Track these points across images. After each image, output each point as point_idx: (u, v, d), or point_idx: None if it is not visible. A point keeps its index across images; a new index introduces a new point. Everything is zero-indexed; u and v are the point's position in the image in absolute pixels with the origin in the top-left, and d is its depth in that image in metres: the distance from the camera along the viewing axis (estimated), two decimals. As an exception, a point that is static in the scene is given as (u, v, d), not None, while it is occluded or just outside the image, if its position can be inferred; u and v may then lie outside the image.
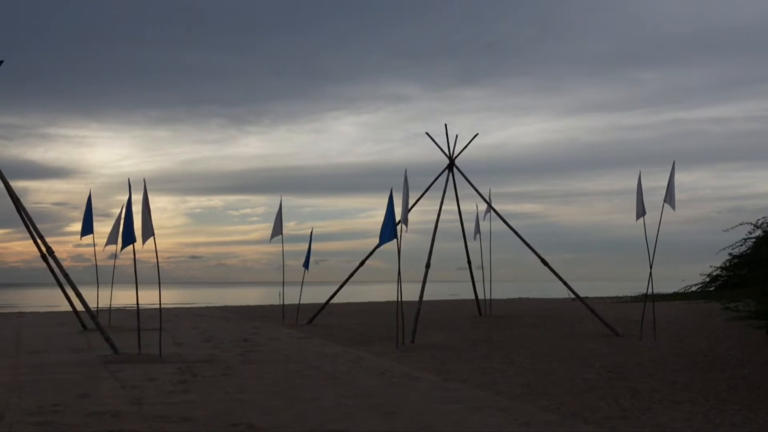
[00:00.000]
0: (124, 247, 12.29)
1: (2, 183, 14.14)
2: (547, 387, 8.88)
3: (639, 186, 14.87)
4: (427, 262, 16.50)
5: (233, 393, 8.48)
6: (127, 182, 12.25)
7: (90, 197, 17.60)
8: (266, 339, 15.20)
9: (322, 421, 6.91)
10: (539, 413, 7.30)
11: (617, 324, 16.88)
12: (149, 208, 12.02)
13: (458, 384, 9.14)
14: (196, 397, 8.22)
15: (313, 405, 7.73)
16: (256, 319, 21.27)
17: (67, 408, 7.51)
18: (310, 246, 20.62)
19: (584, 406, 7.63)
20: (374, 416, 7.17)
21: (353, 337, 15.41)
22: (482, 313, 21.95)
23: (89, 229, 17.46)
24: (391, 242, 13.78)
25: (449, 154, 19.17)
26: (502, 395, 8.31)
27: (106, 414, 7.20)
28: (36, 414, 7.20)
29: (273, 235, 20.30)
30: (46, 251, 14.18)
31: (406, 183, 13.99)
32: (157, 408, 7.52)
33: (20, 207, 14.56)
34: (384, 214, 13.78)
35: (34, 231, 14.56)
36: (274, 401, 7.95)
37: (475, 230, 21.43)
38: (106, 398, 8.10)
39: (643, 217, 14.79)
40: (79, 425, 6.71)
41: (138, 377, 9.63)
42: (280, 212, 20.35)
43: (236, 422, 6.83)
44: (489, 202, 19.53)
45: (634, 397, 8.13)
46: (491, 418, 7.09)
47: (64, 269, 13.96)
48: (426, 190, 19.17)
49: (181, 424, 6.76)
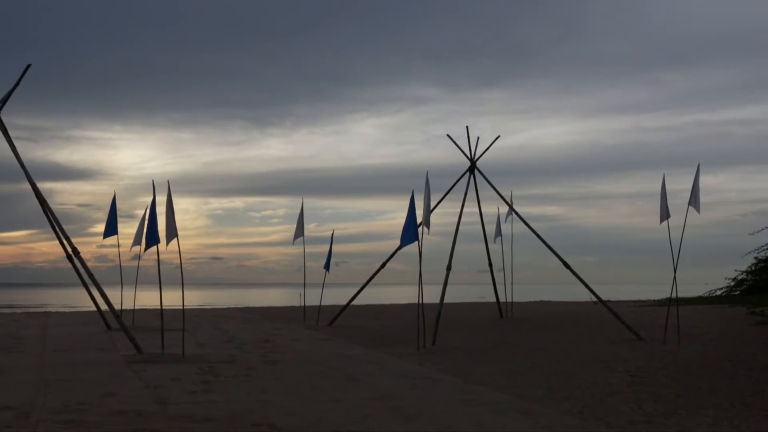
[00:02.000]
0: (148, 247, 12.42)
1: (29, 184, 14.37)
2: (569, 391, 8.82)
3: (663, 188, 14.73)
4: (448, 265, 16.47)
5: (255, 393, 8.53)
6: (151, 184, 12.41)
7: (114, 198, 17.81)
8: (287, 340, 15.27)
9: (343, 422, 6.94)
10: (561, 417, 7.26)
11: (640, 328, 16.71)
12: (173, 209, 12.14)
13: (479, 387, 9.11)
14: (219, 397, 8.29)
15: (334, 406, 7.75)
16: (277, 321, 21.38)
17: (92, 406, 7.61)
18: (331, 248, 20.68)
19: (607, 411, 7.57)
20: (395, 418, 7.17)
21: (374, 339, 15.42)
22: (503, 316, 21.87)
23: (113, 230, 17.66)
24: (413, 244, 13.79)
25: (471, 156, 19.13)
26: (524, 398, 8.27)
27: (130, 413, 7.28)
28: (62, 412, 7.31)
29: (296, 236, 20.41)
30: (72, 252, 14.37)
31: (428, 185, 13.99)
32: (180, 408, 7.59)
33: (47, 208, 14.78)
34: (405, 216, 13.79)
35: (60, 232, 14.76)
36: (296, 402, 7.99)
37: (496, 232, 21.37)
38: (130, 397, 8.20)
39: (667, 220, 14.64)
40: (104, 424, 6.79)
41: (161, 377, 9.73)
42: (302, 214, 20.44)
43: (258, 422, 6.88)
44: (510, 204, 19.46)
45: (658, 402, 8.05)
46: (513, 421, 7.06)
47: (89, 269, 14.13)
48: (447, 192, 19.17)
49: (204, 424, 6.82)
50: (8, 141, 14.40)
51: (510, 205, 19.44)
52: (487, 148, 19.27)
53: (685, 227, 14.46)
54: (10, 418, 7.01)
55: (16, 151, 14.37)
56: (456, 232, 17.39)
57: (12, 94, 14.65)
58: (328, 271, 20.57)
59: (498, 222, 21.35)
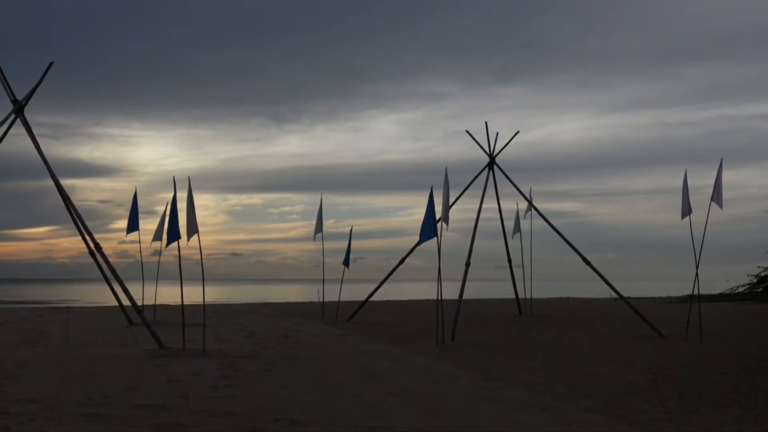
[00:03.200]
0: (169, 243, 12.51)
1: (52, 181, 14.54)
2: (590, 388, 8.77)
3: (685, 184, 14.59)
4: (467, 261, 16.44)
5: (275, 388, 8.58)
6: (172, 180, 12.50)
7: (136, 195, 17.97)
8: (307, 336, 15.33)
9: (363, 417, 6.95)
10: (582, 414, 7.22)
11: (661, 325, 16.57)
12: (194, 205, 12.23)
13: (499, 383, 9.09)
14: (240, 392, 8.34)
15: (354, 402, 7.78)
16: (296, 316, 21.47)
17: (115, 400, 7.69)
18: (350, 244, 20.71)
19: (628, 408, 7.51)
20: (415, 414, 7.18)
21: (393, 335, 15.44)
22: (523, 312, 21.78)
23: (135, 226, 17.84)
24: (431, 240, 13.78)
25: (489, 152, 19.06)
26: (545, 395, 8.24)
27: (153, 407, 7.36)
28: (86, 405, 7.40)
29: (316, 232, 20.48)
30: (94, 247, 14.53)
31: (447, 181, 13.96)
32: (202, 402, 7.66)
33: (69, 204, 14.96)
34: (423, 212, 13.78)
35: (82, 227, 14.93)
36: (316, 397, 8.02)
37: (515, 228, 21.26)
38: (152, 391, 8.28)
39: (689, 216, 14.50)
40: (127, 418, 6.87)
41: (183, 371, 9.82)
42: (321, 210, 20.50)
43: (279, 417, 6.92)
44: (530, 200, 19.36)
45: (680, 400, 7.98)
46: (533, 418, 7.03)
47: (111, 265, 14.29)
48: (466, 188, 19.11)
49: (225, 419, 6.87)
50: (32, 138, 14.59)
51: (529, 201, 19.35)
52: (506, 144, 19.20)
53: (707, 223, 14.33)
54: (36, 410, 7.11)
55: (39, 148, 14.55)
56: (475, 228, 17.35)
57: (35, 91, 14.84)
58: (347, 267, 20.60)
59: (517, 218, 21.25)
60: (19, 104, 14.70)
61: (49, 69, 14.68)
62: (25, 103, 14.81)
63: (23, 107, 14.75)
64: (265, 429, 6.46)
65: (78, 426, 6.49)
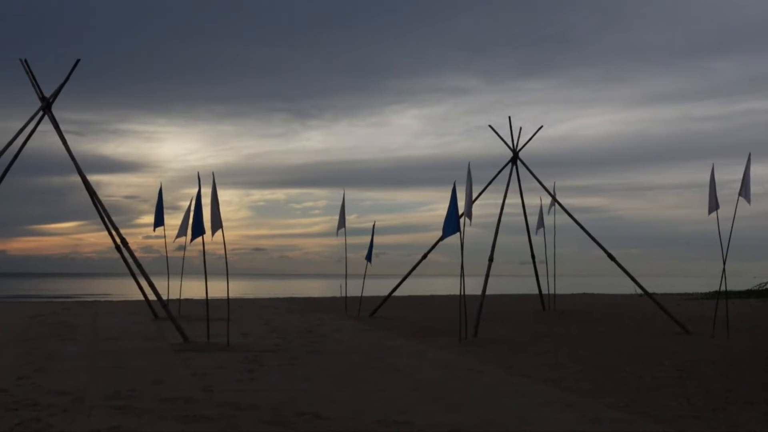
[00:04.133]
0: (194, 238, 12.63)
1: (79, 176, 14.75)
2: (614, 384, 8.71)
3: (712, 179, 14.39)
4: (490, 256, 16.38)
5: (299, 383, 8.64)
6: (196, 176, 12.62)
7: (161, 191, 18.17)
8: (329, 330, 15.40)
9: (386, 412, 6.97)
10: (607, 411, 7.18)
11: (687, 321, 16.39)
12: (218, 201, 12.33)
13: (523, 379, 9.06)
14: (264, 385, 8.42)
15: (377, 396, 7.80)
16: (319, 311, 21.57)
17: (142, 393, 7.81)
18: (373, 239, 20.75)
19: (654, 405, 7.45)
20: (438, 409, 7.19)
21: (416, 330, 15.45)
22: (546, 308, 21.67)
23: (161, 221, 18.04)
24: (454, 236, 13.75)
25: (513, 147, 18.96)
26: (569, 391, 8.20)
27: (179, 400, 7.45)
28: (113, 398, 7.51)
29: (338, 227, 20.56)
30: (121, 242, 14.73)
31: (470, 176, 13.93)
32: (227, 395, 7.74)
33: (96, 200, 15.16)
34: (446, 207, 13.75)
35: (109, 223, 15.14)
36: (339, 392, 8.06)
37: (538, 224, 21.14)
38: (178, 385, 8.38)
39: (716, 211, 14.31)
40: (154, 410, 6.97)
41: (208, 365, 9.92)
42: (344, 206, 20.56)
43: (303, 411, 6.96)
44: (553, 195, 19.24)
45: (707, 397, 7.89)
46: (558, 414, 7.01)
47: (137, 260, 14.47)
48: (489, 183, 19.05)
49: (250, 412, 6.94)
50: (59, 135, 14.81)
51: (553, 196, 19.22)
52: (529, 139, 19.08)
53: (735, 219, 14.13)
54: (66, 402, 7.24)
55: (67, 145, 14.77)
56: (498, 223, 17.29)
57: (62, 88, 15.05)
58: (370, 263, 20.66)
59: (540, 213, 21.12)
60: (46, 101, 14.92)
61: (75, 66, 14.88)
62: (53, 100, 15.03)
63: (51, 104, 14.98)
64: (288, 422, 6.51)
65: (107, 418, 6.60)
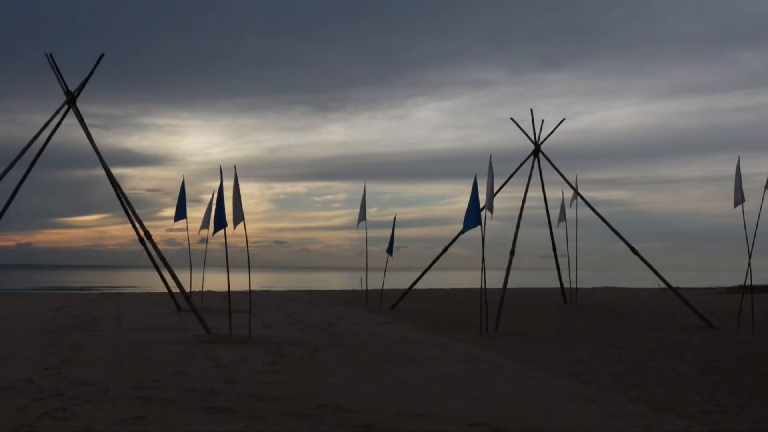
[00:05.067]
0: (216, 231, 12.71)
1: (103, 170, 14.91)
2: (637, 379, 8.64)
3: (738, 172, 14.18)
4: (512, 249, 16.31)
5: (320, 375, 8.68)
6: (219, 169, 12.68)
7: (183, 184, 18.29)
8: (350, 323, 15.44)
9: (407, 405, 6.98)
10: (630, 405, 7.12)
11: (712, 316, 16.20)
12: (240, 194, 12.39)
13: (545, 373, 9.02)
14: (285, 377, 8.47)
15: (398, 389, 7.81)
16: (340, 304, 21.62)
17: (165, 384, 7.89)
18: (393, 232, 20.74)
19: (678, 400, 7.38)
20: (460, 402, 7.18)
21: (437, 323, 15.44)
22: (567, 302, 21.53)
23: (182, 215, 18.17)
24: (475, 229, 13.71)
25: (534, 139, 18.82)
26: (591, 386, 8.15)
27: (201, 391, 7.52)
28: (137, 388, 7.61)
29: (359, 221, 20.57)
30: (144, 235, 14.87)
31: (491, 169, 13.86)
32: (249, 387, 7.80)
33: (120, 193, 15.32)
34: (466, 200, 13.71)
35: (133, 215, 15.28)
36: (360, 384, 8.09)
37: (559, 217, 20.99)
38: (201, 376, 8.46)
39: (741, 204, 14.11)
40: (177, 401, 7.04)
41: (230, 357, 10.00)
42: (364, 199, 20.55)
43: (324, 403, 7.00)
44: (575, 188, 19.08)
45: (732, 392, 7.80)
46: (580, 408, 6.97)
47: (160, 252, 14.60)
48: (510, 176, 18.92)
49: (272, 403, 6.98)
50: (84, 129, 14.97)
51: (575, 189, 19.07)
52: (551, 132, 18.92)
53: (761, 212, 13.91)
54: (91, 392, 7.34)
55: (91, 138, 14.92)
56: (519, 216, 17.19)
57: (87, 83, 15.20)
58: (391, 256, 20.65)
59: (562, 206, 20.96)
60: (71, 95, 15.08)
61: (100, 60, 15.02)
62: (78, 94, 15.19)
63: (76, 98, 15.14)
64: (311, 414, 6.55)
65: (130, 408, 6.68)
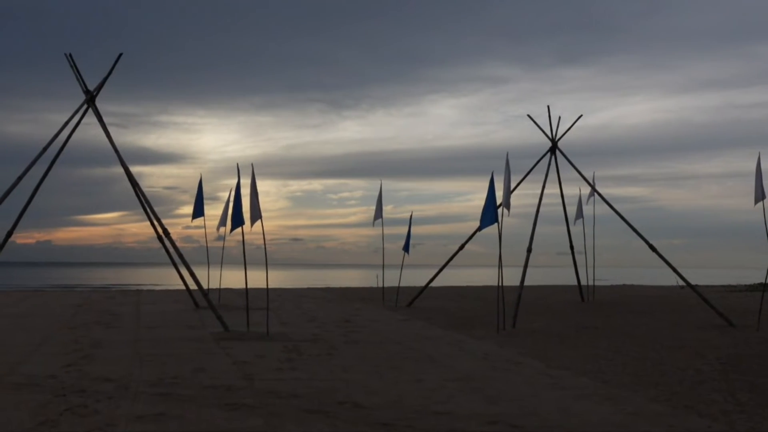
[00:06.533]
0: (234, 229, 12.78)
1: (122, 168, 15.03)
2: (656, 377, 8.59)
3: (758, 168, 14.04)
4: (529, 247, 16.25)
5: (338, 372, 8.71)
6: (235, 167, 12.75)
7: (201, 182, 18.41)
8: (367, 320, 15.46)
9: (425, 402, 6.99)
10: (649, 404, 7.08)
11: (731, 314, 16.03)
12: (257, 192, 12.45)
13: (562, 371, 8.99)
14: (303, 374, 8.50)
15: (415, 386, 7.82)
16: (356, 301, 21.67)
17: (184, 380, 7.96)
18: (410, 229, 20.75)
19: (697, 399, 7.33)
20: (477, 400, 7.18)
21: (453, 321, 15.42)
22: (585, 300, 21.42)
23: (200, 212, 18.29)
24: (492, 226, 13.67)
25: (552, 136, 18.73)
26: (609, 384, 8.11)
27: (220, 388, 7.58)
28: (157, 385, 7.68)
29: (375, 218, 20.59)
30: (163, 232, 14.97)
31: (508, 166, 13.82)
32: (267, 384, 7.84)
33: (139, 191, 15.44)
34: (482, 197, 13.68)
35: (151, 213, 15.40)
36: (378, 381, 8.10)
37: (577, 214, 20.88)
38: (219, 373, 8.52)
39: (762, 201, 13.95)
40: (196, 398, 7.10)
41: (248, 354, 10.06)
42: (381, 196, 20.58)
43: (342, 400, 7.02)
44: (593, 185, 18.97)
45: (753, 391, 7.73)
46: (598, 406, 6.94)
47: (178, 249, 14.71)
48: (527, 173, 18.87)
49: (290, 400, 7.02)
50: (103, 127, 15.10)
51: (592, 186, 18.96)
52: (569, 128, 18.83)
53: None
54: (111, 389, 7.42)
55: (110, 137, 15.05)
56: (536, 213, 17.13)
57: (106, 82, 15.33)
58: (407, 253, 20.65)
59: (579, 203, 20.85)
60: (90, 94, 15.21)
61: (118, 60, 15.13)
62: (97, 93, 15.32)
63: (95, 97, 15.27)
64: (329, 411, 6.57)
65: (151, 405, 6.74)
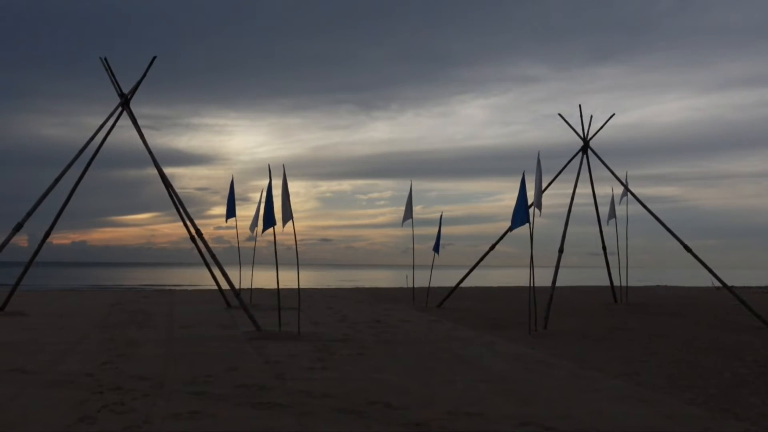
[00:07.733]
0: (266, 229, 12.88)
1: (156, 169, 15.27)
2: (692, 380, 8.45)
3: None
4: (560, 247, 16.11)
5: (369, 372, 8.73)
6: (266, 168, 12.86)
7: (232, 183, 18.59)
8: (398, 321, 15.46)
9: (457, 403, 6.97)
10: (685, 407, 6.97)
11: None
12: (288, 192, 12.54)
13: (596, 372, 8.90)
14: (335, 374, 8.54)
15: (447, 387, 7.81)
16: (386, 301, 21.68)
17: (218, 379, 8.05)
18: (440, 230, 20.70)
19: (735, 402, 7.19)
20: (509, 401, 7.14)
21: (484, 322, 15.35)
22: (618, 301, 21.16)
23: (232, 213, 18.48)
24: (523, 226, 13.58)
25: (583, 135, 18.55)
26: (644, 386, 8.01)
27: (253, 387, 7.65)
28: (191, 384, 7.78)
29: (404, 218, 20.58)
30: (196, 233, 15.17)
31: (539, 166, 13.71)
32: (299, 383, 7.89)
33: (172, 192, 15.67)
34: (512, 197, 13.59)
35: (184, 214, 15.61)
36: (409, 382, 8.10)
37: (609, 214, 20.63)
38: (252, 372, 8.60)
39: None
40: (230, 396, 7.18)
41: (280, 353, 10.13)
42: (410, 196, 20.56)
43: (374, 400, 7.04)
44: (626, 185, 18.74)
45: (793, 395, 7.57)
46: (633, 409, 6.85)
47: (211, 250, 14.89)
48: (559, 173, 18.70)
49: (322, 400, 7.06)
50: (137, 129, 15.35)
51: (625, 185, 18.73)
52: (600, 127, 18.63)
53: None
54: (146, 387, 7.54)
55: (144, 139, 15.30)
56: (568, 214, 16.98)
57: (140, 84, 15.58)
58: (437, 254, 20.61)
59: (612, 203, 20.61)
60: (125, 97, 15.48)
61: (152, 63, 15.38)
62: (131, 96, 15.58)
63: (129, 100, 15.53)
64: (361, 411, 6.60)
65: (185, 403, 6.84)
